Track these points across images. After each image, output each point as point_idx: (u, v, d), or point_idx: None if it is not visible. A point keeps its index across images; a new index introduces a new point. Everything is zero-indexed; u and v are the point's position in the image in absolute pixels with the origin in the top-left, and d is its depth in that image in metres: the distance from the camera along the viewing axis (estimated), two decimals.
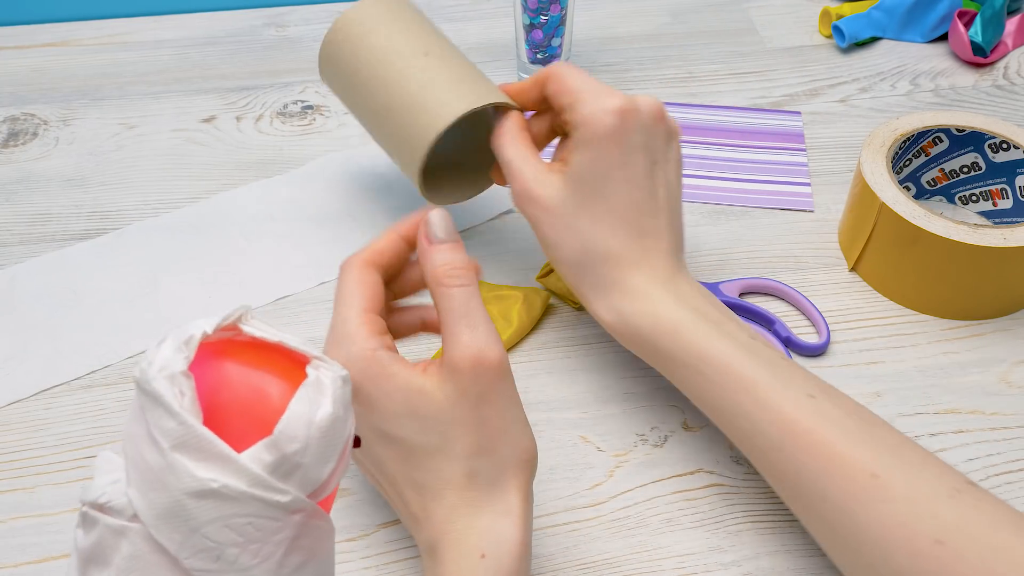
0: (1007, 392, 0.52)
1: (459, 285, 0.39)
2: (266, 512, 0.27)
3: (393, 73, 0.52)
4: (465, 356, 0.38)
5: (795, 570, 0.44)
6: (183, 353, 0.27)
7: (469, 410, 0.38)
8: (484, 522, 0.38)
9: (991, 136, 0.58)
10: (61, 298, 0.58)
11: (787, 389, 0.41)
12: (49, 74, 0.78)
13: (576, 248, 0.46)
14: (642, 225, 0.46)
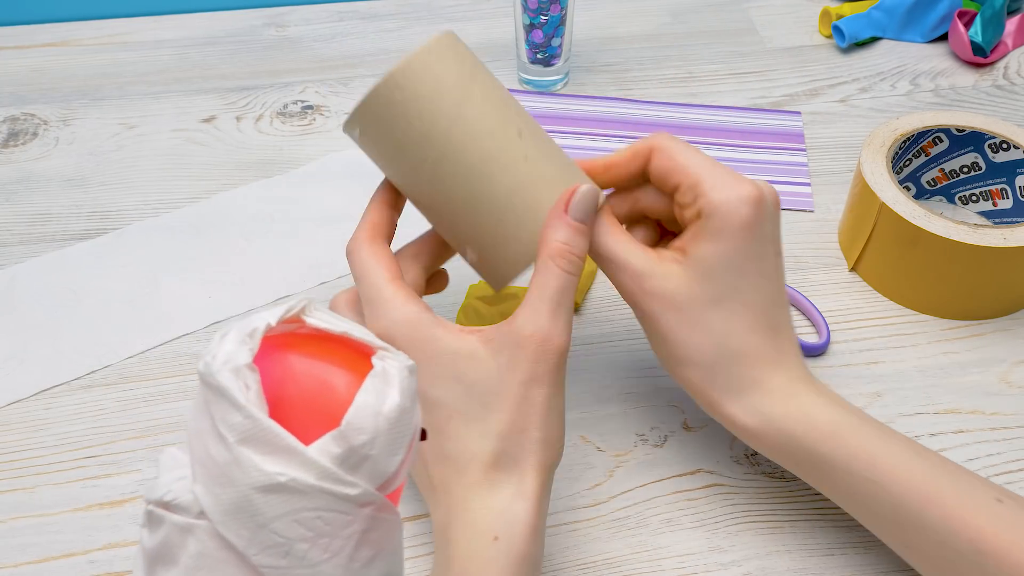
0: (1007, 392, 0.52)
1: (566, 270, 0.39)
2: (335, 506, 0.26)
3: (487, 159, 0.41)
4: (536, 333, 0.38)
5: (795, 570, 0.44)
6: (247, 345, 0.27)
7: (518, 385, 0.38)
8: (500, 504, 0.38)
9: (991, 136, 0.58)
10: (61, 298, 0.58)
11: (973, 496, 0.38)
12: (49, 74, 0.78)
13: (707, 346, 0.42)
14: (776, 320, 0.43)
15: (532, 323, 0.38)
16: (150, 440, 0.50)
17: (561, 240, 0.39)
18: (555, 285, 0.39)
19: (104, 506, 0.47)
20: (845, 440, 0.40)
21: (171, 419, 0.51)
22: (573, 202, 0.40)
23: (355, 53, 0.80)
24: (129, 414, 0.52)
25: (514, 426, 0.38)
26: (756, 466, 0.49)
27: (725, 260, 0.41)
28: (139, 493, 0.48)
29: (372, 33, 0.82)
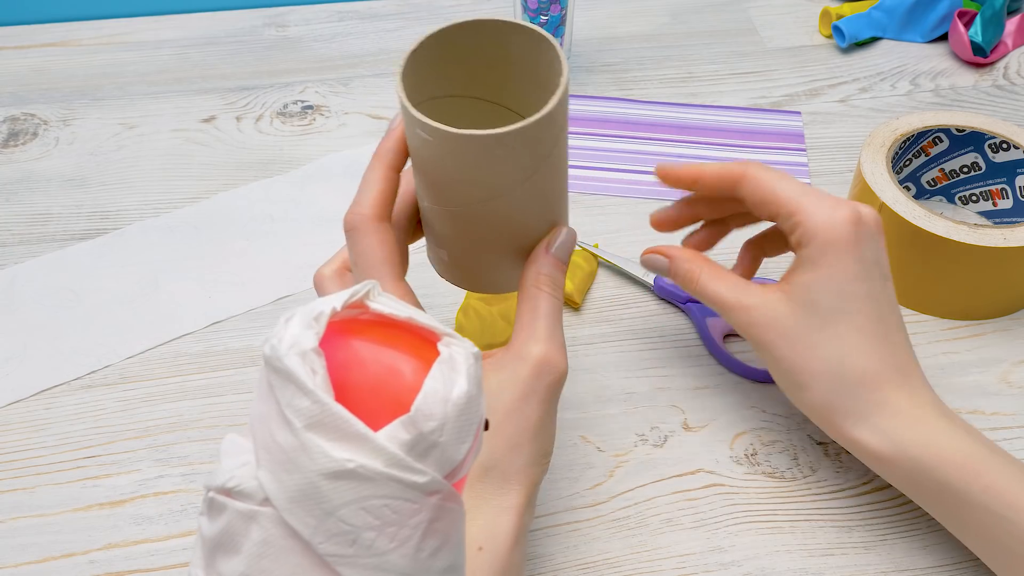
0: (1007, 392, 0.52)
1: (551, 294, 0.40)
2: (403, 494, 0.26)
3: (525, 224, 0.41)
4: (536, 352, 0.38)
5: (795, 570, 0.44)
6: (313, 329, 0.26)
7: (514, 401, 0.38)
8: (486, 516, 0.38)
9: (991, 136, 0.58)
10: (61, 298, 0.58)
11: None
12: (49, 74, 0.78)
13: (822, 371, 0.42)
14: (892, 341, 0.42)
15: (530, 343, 0.39)
16: (150, 440, 0.50)
17: (543, 271, 0.40)
18: (546, 306, 0.40)
19: (104, 506, 0.47)
20: (978, 472, 0.39)
21: (171, 419, 0.51)
22: (555, 242, 0.41)
23: (355, 53, 0.80)
24: (129, 414, 0.52)
25: (507, 441, 0.38)
26: (756, 466, 0.49)
27: (827, 283, 0.42)
28: (139, 493, 0.48)
29: (372, 33, 0.82)
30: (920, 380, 0.43)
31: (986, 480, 0.39)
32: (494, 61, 0.41)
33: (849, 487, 0.48)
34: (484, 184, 0.38)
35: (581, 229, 0.62)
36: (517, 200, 0.39)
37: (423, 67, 0.39)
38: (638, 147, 0.69)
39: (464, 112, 0.42)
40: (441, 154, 0.37)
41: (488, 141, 0.36)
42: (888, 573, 0.44)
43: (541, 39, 0.38)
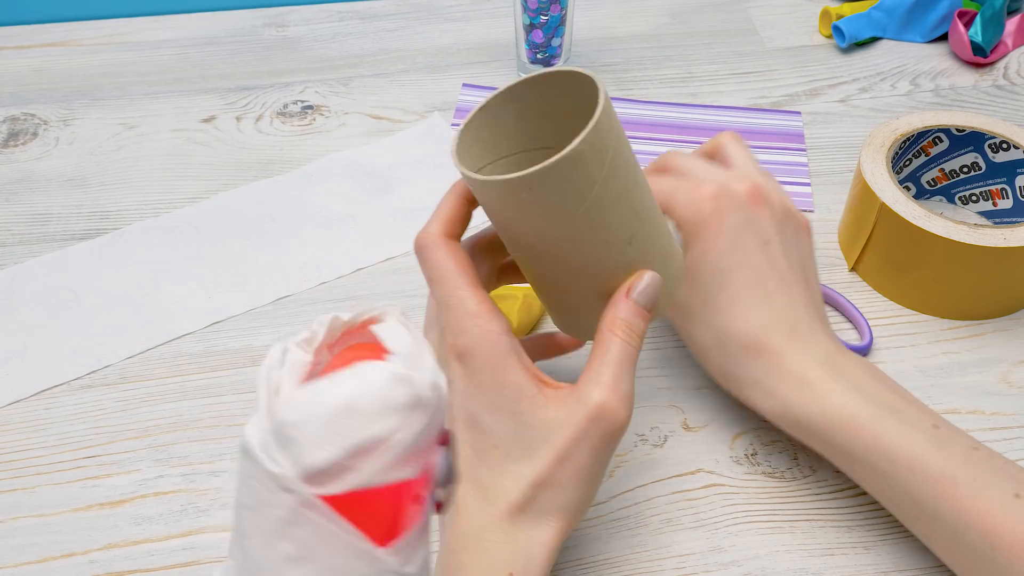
0: (1007, 392, 0.52)
1: (625, 340, 0.38)
2: (262, 478, 0.27)
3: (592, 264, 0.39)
4: (596, 399, 0.37)
5: (795, 570, 0.44)
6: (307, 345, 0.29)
7: (568, 441, 0.37)
8: (520, 543, 0.37)
9: (991, 136, 0.58)
10: (61, 298, 0.58)
11: (989, 489, 0.38)
12: (49, 74, 0.78)
13: (713, 342, 0.45)
14: (775, 304, 0.43)
15: (596, 388, 0.37)
16: (150, 440, 0.50)
17: (620, 316, 0.39)
18: (616, 353, 0.38)
19: (104, 506, 0.47)
20: (861, 431, 0.40)
21: (171, 419, 0.51)
22: (637, 286, 0.39)
23: (355, 53, 0.80)
24: (129, 414, 0.52)
25: (551, 480, 0.37)
26: (756, 466, 0.49)
27: (703, 259, 0.44)
28: (139, 493, 0.48)
29: (372, 33, 0.82)
30: (811, 338, 0.43)
31: (868, 436, 0.40)
32: (545, 111, 0.41)
33: (849, 487, 0.48)
34: (531, 228, 0.38)
35: None
36: (572, 240, 0.38)
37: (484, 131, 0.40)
38: (638, 147, 0.69)
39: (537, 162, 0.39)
40: (487, 201, 0.38)
41: (514, 184, 0.35)
42: (888, 573, 0.44)
43: (576, 75, 0.38)
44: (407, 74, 0.77)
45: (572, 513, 0.38)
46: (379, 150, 0.69)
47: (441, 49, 0.80)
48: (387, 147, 0.69)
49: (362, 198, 0.65)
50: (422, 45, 0.80)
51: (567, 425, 0.37)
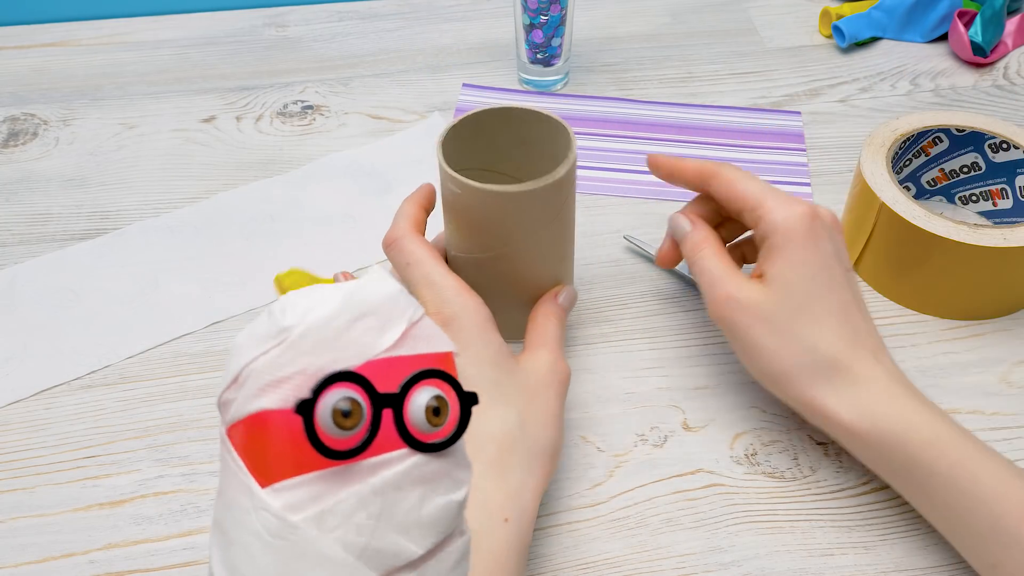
0: (1007, 392, 0.52)
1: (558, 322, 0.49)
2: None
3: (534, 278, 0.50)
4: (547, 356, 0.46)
5: (795, 570, 0.44)
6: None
7: (539, 386, 0.44)
8: (512, 488, 0.41)
9: (991, 136, 0.58)
10: (61, 298, 0.58)
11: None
12: (49, 74, 0.78)
13: (800, 353, 0.44)
14: (860, 327, 0.45)
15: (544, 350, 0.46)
16: (150, 440, 0.50)
17: (554, 311, 0.49)
18: (554, 329, 0.48)
19: (104, 506, 0.47)
20: (947, 450, 0.41)
21: (171, 419, 0.51)
22: (563, 295, 0.50)
23: (355, 53, 0.80)
24: (129, 414, 0.52)
25: (532, 422, 0.43)
26: (756, 466, 0.49)
27: (799, 270, 0.45)
28: (139, 493, 0.48)
29: (372, 33, 0.82)
30: (889, 361, 0.45)
31: (953, 457, 0.41)
32: (516, 141, 0.51)
33: (849, 487, 0.48)
34: (501, 234, 0.47)
35: (581, 229, 0.62)
36: (528, 251, 0.48)
37: (459, 140, 0.49)
38: (638, 147, 0.69)
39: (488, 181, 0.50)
40: (469, 206, 0.46)
41: (507, 196, 0.45)
42: (888, 573, 0.44)
43: (556, 123, 0.48)
44: (407, 74, 0.77)
45: (549, 459, 0.43)
46: (379, 150, 0.69)
47: (441, 49, 0.80)
48: (387, 147, 0.69)
49: (362, 198, 0.65)
50: (422, 45, 0.80)
51: (535, 373, 0.45)
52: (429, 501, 0.28)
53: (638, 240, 0.60)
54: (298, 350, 0.27)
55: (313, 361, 0.27)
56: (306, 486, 0.27)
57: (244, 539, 0.28)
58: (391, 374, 0.27)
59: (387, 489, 0.27)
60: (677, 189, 0.67)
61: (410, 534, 0.27)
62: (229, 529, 0.29)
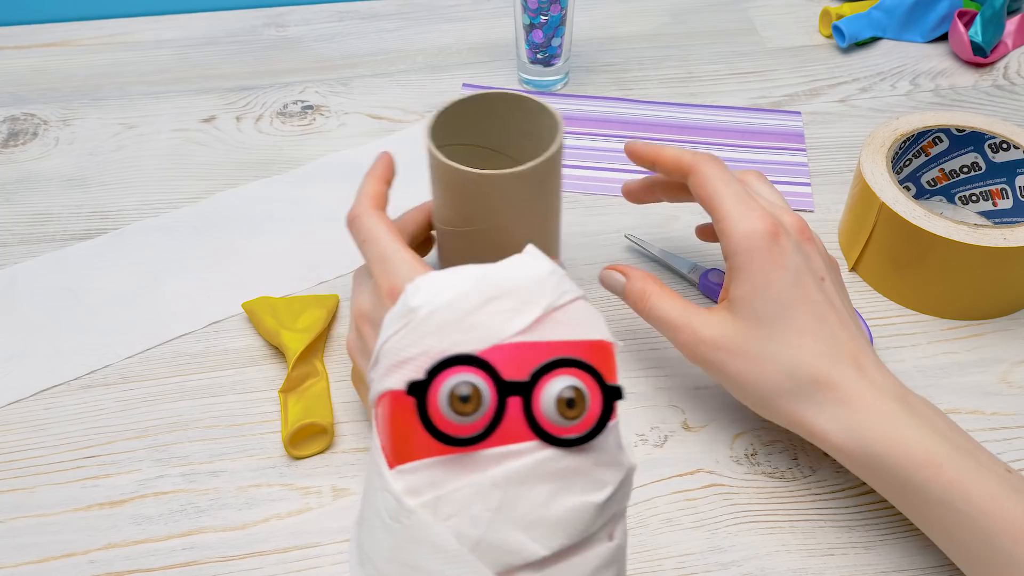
0: (1007, 392, 0.52)
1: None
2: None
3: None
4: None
5: (795, 570, 0.44)
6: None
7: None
8: None
9: (991, 136, 0.58)
10: (61, 298, 0.58)
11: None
12: (49, 74, 0.78)
13: (781, 377, 0.43)
14: (836, 336, 0.43)
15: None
16: (150, 440, 0.50)
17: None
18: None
19: (104, 506, 0.47)
20: (940, 468, 0.39)
21: (171, 419, 0.51)
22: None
23: (355, 53, 0.80)
24: (129, 414, 0.52)
25: None
26: (756, 466, 0.49)
27: (764, 293, 0.43)
28: (139, 493, 0.48)
29: (372, 33, 0.82)
30: (877, 368, 0.43)
31: (948, 476, 0.39)
32: (504, 121, 0.52)
33: (849, 487, 0.48)
34: (478, 211, 0.48)
35: (582, 229, 0.62)
36: (514, 226, 0.48)
37: (449, 120, 0.50)
38: None
39: (473, 155, 0.53)
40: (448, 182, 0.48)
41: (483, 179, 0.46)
42: (888, 573, 0.44)
43: (543, 108, 0.50)
44: (407, 74, 0.77)
45: None
46: (379, 150, 0.69)
47: (441, 49, 0.80)
48: (387, 147, 0.69)
49: None
50: (422, 45, 0.80)
51: None
52: (559, 500, 0.26)
53: (639, 239, 0.60)
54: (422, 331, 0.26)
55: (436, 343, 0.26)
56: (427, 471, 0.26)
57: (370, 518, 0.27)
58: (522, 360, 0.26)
59: (509, 482, 0.25)
60: None
61: (533, 532, 0.26)
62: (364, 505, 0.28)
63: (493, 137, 0.54)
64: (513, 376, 0.25)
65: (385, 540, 0.26)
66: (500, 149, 0.54)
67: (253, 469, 0.49)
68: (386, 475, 0.26)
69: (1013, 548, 0.38)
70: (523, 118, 0.52)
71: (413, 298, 0.27)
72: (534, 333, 0.26)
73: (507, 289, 0.27)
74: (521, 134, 0.53)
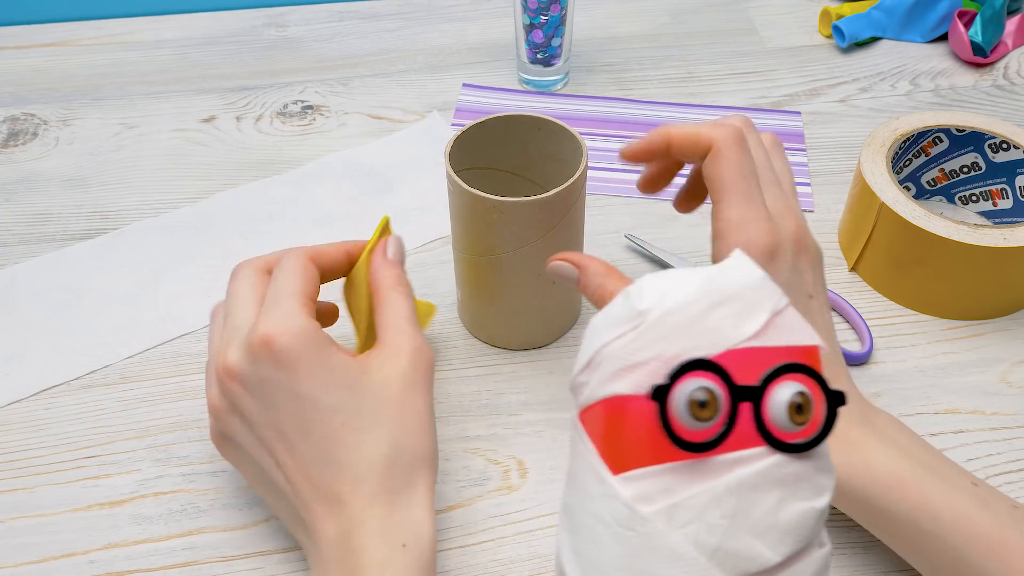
0: (1007, 392, 0.52)
1: (403, 292, 0.43)
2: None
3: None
4: (409, 345, 0.40)
5: None
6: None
7: (402, 392, 0.39)
8: (402, 513, 0.38)
9: (991, 136, 0.58)
10: (61, 298, 0.58)
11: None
12: (49, 74, 0.78)
13: None
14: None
15: (400, 337, 0.41)
16: (150, 440, 0.50)
17: (390, 275, 0.43)
18: (403, 306, 0.42)
19: (104, 506, 0.47)
20: (906, 492, 0.38)
21: (171, 419, 0.51)
22: (390, 248, 0.44)
23: (355, 53, 0.80)
24: (129, 414, 0.52)
25: (404, 435, 0.39)
26: None
27: None
28: (139, 493, 0.48)
29: (372, 33, 0.82)
30: (851, 392, 0.41)
31: (914, 498, 0.38)
32: (524, 144, 0.52)
33: None
34: (491, 239, 0.47)
35: None
36: (540, 253, 0.47)
37: (467, 144, 0.50)
38: None
39: (492, 179, 0.53)
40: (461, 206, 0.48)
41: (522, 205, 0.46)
42: (888, 573, 0.44)
43: (565, 131, 0.50)
44: (407, 74, 0.77)
45: (429, 464, 0.40)
46: (378, 150, 0.69)
47: (441, 49, 0.80)
48: (386, 147, 0.69)
49: (361, 198, 0.65)
50: (422, 45, 0.80)
51: (399, 378, 0.39)
52: (788, 506, 0.25)
53: (639, 239, 0.60)
54: (654, 335, 0.26)
55: (669, 347, 0.26)
56: (657, 477, 0.26)
57: (592, 526, 0.27)
58: (750, 365, 0.25)
59: (743, 489, 0.25)
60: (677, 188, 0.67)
61: (766, 539, 0.25)
62: (577, 514, 0.28)
63: (513, 160, 0.53)
64: (743, 381, 0.25)
65: (614, 548, 0.26)
66: (521, 173, 0.54)
67: None
68: (611, 482, 0.26)
69: (985, 563, 0.37)
70: (545, 140, 0.51)
71: (639, 301, 0.27)
72: (761, 338, 0.26)
73: (731, 293, 0.27)
74: (543, 157, 0.52)
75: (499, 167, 0.53)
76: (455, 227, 0.51)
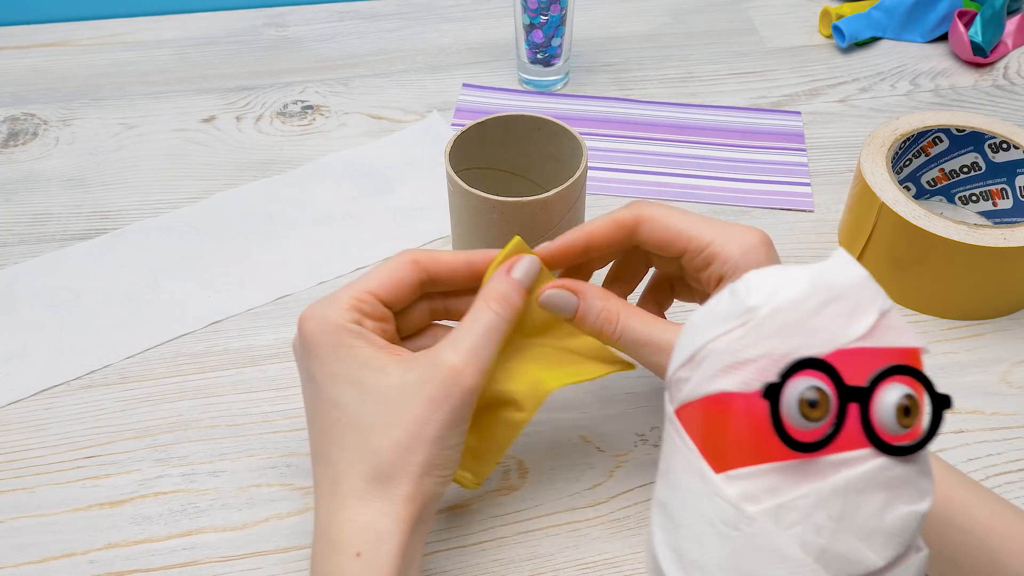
0: (1007, 392, 0.52)
1: (497, 311, 0.39)
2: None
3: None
4: (451, 361, 0.38)
5: None
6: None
7: (419, 404, 0.37)
8: (365, 519, 0.37)
9: (991, 136, 0.58)
10: (61, 298, 0.58)
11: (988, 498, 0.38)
12: (49, 74, 0.78)
13: None
14: None
15: (449, 351, 0.38)
16: (150, 440, 0.50)
17: (498, 288, 0.40)
18: (484, 322, 0.39)
19: (104, 506, 0.47)
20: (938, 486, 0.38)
21: (171, 419, 0.51)
22: (518, 264, 0.41)
23: (355, 53, 0.80)
24: (129, 414, 0.52)
25: (398, 444, 0.37)
26: None
27: None
28: (139, 493, 0.48)
29: (372, 33, 0.82)
30: None
31: (943, 494, 0.38)
32: (524, 144, 0.52)
33: None
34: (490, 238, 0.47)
35: None
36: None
37: (467, 144, 0.50)
38: (638, 147, 0.69)
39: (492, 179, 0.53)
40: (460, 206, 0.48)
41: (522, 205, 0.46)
42: None
43: (565, 131, 0.50)
44: (407, 74, 0.77)
45: (425, 481, 0.37)
46: (378, 150, 0.69)
47: (441, 49, 0.80)
48: (386, 147, 0.69)
49: (361, 198, 0.65)
50: (422, 45, 0.80)
51: (419, 387, 0.37)
52: (892, 509, 0.25)
53: None
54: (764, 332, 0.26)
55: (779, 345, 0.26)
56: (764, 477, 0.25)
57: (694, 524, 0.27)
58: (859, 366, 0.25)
59: (849, 490, 0.25)
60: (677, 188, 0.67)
61: (871, 542, 0.25)
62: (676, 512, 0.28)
63: (513, 160, 0.53)
64: (852, 382, 0.25)
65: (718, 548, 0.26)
66: (521, 173, 0.54)
67: (253, 469, 0.49)
68: (715, 480, 0.26)
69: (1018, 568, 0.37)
70: (545, 141, 0.51)
71: (748, 297, 0.26)
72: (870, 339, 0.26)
73: (840, 292, 0.27)
74: (543, 157, 0.52)
75: (499, 167, 0.53)
76: (455, 227, 0.51)
